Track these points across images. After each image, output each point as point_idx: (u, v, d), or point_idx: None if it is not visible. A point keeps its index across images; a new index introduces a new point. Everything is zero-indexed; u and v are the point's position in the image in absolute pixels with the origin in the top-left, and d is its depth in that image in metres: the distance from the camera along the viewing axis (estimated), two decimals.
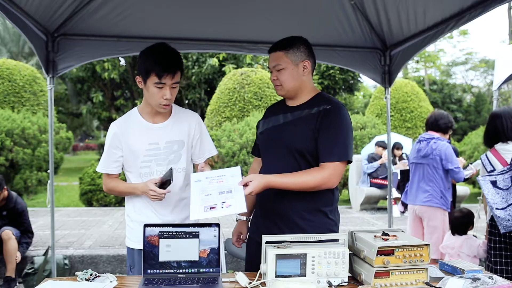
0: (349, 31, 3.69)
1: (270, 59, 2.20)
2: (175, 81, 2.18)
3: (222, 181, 2.01)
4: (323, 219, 2.14)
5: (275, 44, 2.19)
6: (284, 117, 2.19)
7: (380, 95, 14.42)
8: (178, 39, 3.84)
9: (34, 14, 3.17)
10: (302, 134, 2.09)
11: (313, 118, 2.09)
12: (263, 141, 2.28)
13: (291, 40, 2.18)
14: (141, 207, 2.32)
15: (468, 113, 24.78)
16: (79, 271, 1.92)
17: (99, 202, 8.95)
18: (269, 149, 2.23)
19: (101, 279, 1.84)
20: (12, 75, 12.36)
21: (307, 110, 2.13)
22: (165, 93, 2.16)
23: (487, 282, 1.75)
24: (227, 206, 1.88)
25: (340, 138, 2.06)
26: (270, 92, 11.50)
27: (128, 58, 15.76)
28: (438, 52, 29.23)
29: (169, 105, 2.23)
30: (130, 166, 2.30)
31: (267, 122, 2.28)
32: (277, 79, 2.15)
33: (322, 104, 2.11)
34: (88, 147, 37.63)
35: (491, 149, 3.38)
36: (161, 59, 2.14)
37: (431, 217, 4.17)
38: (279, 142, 2.15)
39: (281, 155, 2.13)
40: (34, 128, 10.02)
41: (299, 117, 2.14)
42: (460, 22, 3.02)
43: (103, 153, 2.34)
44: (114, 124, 2.32)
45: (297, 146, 2.09)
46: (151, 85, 2.16)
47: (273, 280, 1.77)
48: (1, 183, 4.74)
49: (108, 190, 2.37)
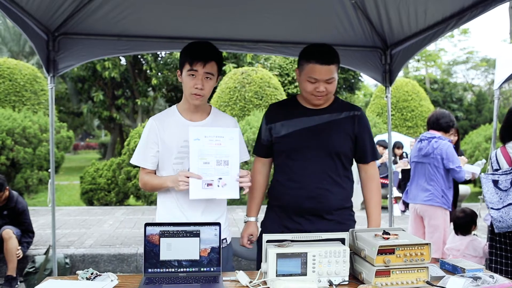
0: (349, 30, 3.68)
1: (324, 72, 2.16)
2: (207, 70, 2.16)
3: (220, 143, 2.09)
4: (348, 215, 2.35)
5: (328, 57, 2.17)
6: (311, 119, 2.28)
7: (381, 94, 14.43)
8: (179, 38, 3.83)
9: (35, 13, 3.17)
10: (340, 137, 2.26)
11: (348, 123, 2.28)
12: (291, 143, 2.30)
13: (335, 52, 2.23)
14: (172, 208, 2.27)
15: (469, 112, 24.78)
16: (80, 270, 1.92)
17: (99, 201, 8.96)
18: (302, 151, 2.27)
19: (102, 278, 1.84)
20: (13, 74, 12.37)
21: (336, 114, 2.29)
22: (196, 82, 2.16)
23: (488, 281, 1.75)
24: (223, 185, 2.07)
25: (373, 141, 2.39)
26: (271, 91, 11.50)
27: (128, 57, 15.77)
28: (439, 51, 29.19)
29: (201, 96, 2.19)
30: (164, 162, 2.26)
31: (289, 124, 2.30)
32: (326, 90, 2.20)
33: (348, 109, 2.32)
34: (88, 146, 37.68)
35: (501, 148, 3.34)
36: (194, 48, 2.20)
37: (432, 216, 4.17)
38: (315, 143, 2.25)
39: (316, 156, 2.25)
40: (35, 127, 10.03)
41: (330, 121, 2.28)
42: (461, 21, 3.01)
43: (139, 146, 2.31)
44: (152, 119, 2.32)
45: (336, 149, 2.25)
46: (185, 75, 2.19)
47: (274, 279, 1.78)
48: (3, 183, 4.74)
49: (143, 185, 2.33)
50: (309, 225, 2.26)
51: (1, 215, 4.84)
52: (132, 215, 7.69)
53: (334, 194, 2.26)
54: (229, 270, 2.11)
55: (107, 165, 9.21)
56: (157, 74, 15.88)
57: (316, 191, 2.24)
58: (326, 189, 2.25)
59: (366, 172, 2.39)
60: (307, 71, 2.19)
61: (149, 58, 15.68)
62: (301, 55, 2.25)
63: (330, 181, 2.26)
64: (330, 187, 2.26)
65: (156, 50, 4.38)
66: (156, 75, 15.85)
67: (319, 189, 2.24)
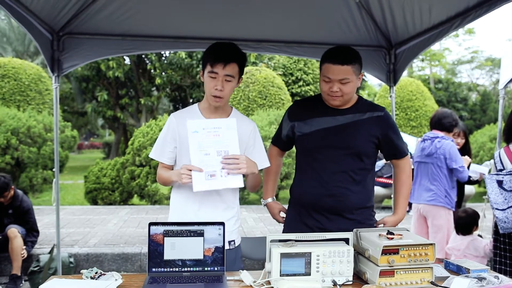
0: (354, 29, 3.67)
1: (337, 72, 2.20)
2: (227, 72, 2.15)
3: (218, 134, 2.10)
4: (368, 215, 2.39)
5: (343, 57, 2.20)
6: (335, 119, 2.32)
7: (385, 94, 14.38)
8: (183, 37, 3.84)
9: (40, 13, 3.18)
10: (362, 138, 2.30)
11: (371, 124, 2.31)
12: (313, 142, 2.34)
13: (354, 54, 2.25)
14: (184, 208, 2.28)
15: (474, 112, 24.67)
16: (84, 269, 1.92)
17: (104, 200, 8.98)
18: (324, 150, 2.31)
19: (106, 277, 1.84)
20: (17, 74, 12.42)
21: (359, 115, 2.32)
22: (216, 84, 2.15)
23: (493, 281, 1.74)
24: (225, 176, 2.07)
25: (401, 138, 2.43)
26: (275, 91, 11.50)
27: (132, 56, 15.80)
28: (443, 50, 29.09)
29: (221, 98, 2.19)
30: (181, 158, 2.26)
31: (312, 123, 2.34)
32: (340, 90, 2.22)
33: (371, 110, 2.35)
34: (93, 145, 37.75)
35: (505, 148, 3.33)
36: (215, 49, 2.19)
37: (435, 216, 4.16)
38: (338, 143, 2.29)
39: (338, 155, 2.29)
40: (39, 126, 10.06)
41: (353, 121, 2.31)
42: (466, 21, 3.00)
43: (157, 140, 2.33)
44: (173, 115, 2.33)
45: (358, 149, 2.29)
46: (206, 76, 2.19)
47: (278, 278, 1.78)
48: (8, 183, 4.77)
49: (158, 178, 2.35)
50: (329, 223, 2.29)
51: (6, 214, 4.86)
52: (136, 215, 7.70)
53: (354, 194, 2.30)
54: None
55: (111, 164, 9.23)
56: (161, 73, 15.91)
57: (337, 189, 2.29)
58: (347, 188, 2.30)
59: (398, 166, 2.46)
60: (323, 70, 2.25)
61: (153, 58, 15.70)
62: (322, 57, 2.30)
63: (351, 180, 2.31)
64: (350, 186, 2.30)
65: (160, 49, 4.39)
66: (160, 74, 15.88)
67: (339, 188, 2.29)
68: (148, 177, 8.78)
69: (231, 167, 2.07)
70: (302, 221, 2.36)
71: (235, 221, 2.33)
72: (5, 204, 4.85)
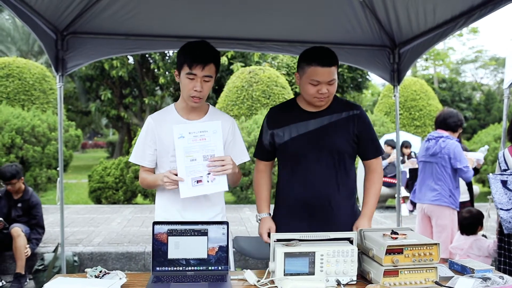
0: (357, 28, 3.67)
1: (325, 74, 2.19)
2: (206, 73, 2.16)
3: (204, 138, 2.11)
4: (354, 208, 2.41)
5: (330, 59, 2.21)
6: (314, 122, 2.31)
7: (388, 93, 14.36)
8: (186, 37, 3.83)
9: (44, 13, 3.19)
10: (343, 137, 2.30)
11: (349, 123, 2.31)
12: (295, 147, 2.32)
13: (334, 54, 2.26)
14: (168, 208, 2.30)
15: (478, 112, 24.58)
16: (88, 268, 1.93)
17: (107, 199, 9.00)
18: (307, 153, 2.31)
19: (110, 276, 1.85)
20: (22, 74, 12.46)
21: (336, 115, 2.32)
22: (195, 84, 2.16)
23: (498, 281, 1.73)
24: (212, 180, 2.09)
25: (375, 137, 2.41)
26: (278, 90, 11.49)
27: (136, 56, 15.82)
28: (447, 50, 28.97)
29: (200, 98, 2.20)
30: (162, 160, 2.28)
31: (290, 128, 2.33)
32: (328, 91, 2.22)
33: (347, 109, 2.34)
34: (96, 145, 37.84)
35: (510, 147, 3.31)
36: (192, 50, 2.18)
37: (439, 216, 4.14)
38: (320, 145, 2.29)
39: (322, 157, 2.29)
40: (43, 126, 10.10)
41: (331, 122, 2.31)
42: (470, 20, 2.99)
43: (137, 144, 2.34)
44: (150, 117, 2.34)
45: (339, 149, 2.29)
46: (183, 77, 2.19)
47: (282, 278, 1.78)
48: (19, 171, 4.92)
49: (141, 182, 2.36)
50: (316, 224, 2.27)
51: (15, 206, 4.98)
52: (140, 214, 7.72)
53: (339, 193, 2.32)
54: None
55: (115, 163, 9.25)
56: (164, 73, 15.91)
57: (321, 193, 2.30)
58: (332, 188, 2.31)
59: (369, 167, 2.43)
60: (309, 74, 2.21)
61: (156, 57, 15.71)
62: (302, 59, 2.27)
63: (336, 181, 2.31)
64: (334, 188, 2.31)
65: (163, 49, 4.40)
66: (164, 74, 15.88)
67: (325, 189, 2.30)
68: None
69: (218, 169, 2.08)
70: (290, 225, 2.33)
71: (220, 218, 2.34)
72: (14, 197, 4.99)
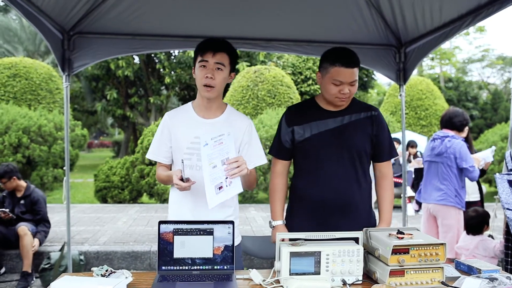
0: (363, 28, 3.65)
1: (348, 74, 2.22)
2: (217, 60, 2.15)
3: (222, 142, 2.08)
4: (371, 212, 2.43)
5: (353, 60, 2.24)
6: (334, 121, 2.33)
7: (394, 93, 14.31)
8: (192, 36, 3.85)
9: (51, 13, 3.21)
10: (361, 137, 2.33)
11: (367, 124, 2.35)
12: (314, 145, 2.33)
13: (356, 55, 2.29)
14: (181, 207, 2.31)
15: (484, 111, 24.44)
16: (94, 267, 1.94)
17: (113, 199, 9.04)
18: (327, 151, 2.32)
19: (116, 275, 1.85)
20: (28, 73, 12.55)
21: (355, 115, 2.35)
22: (207, 72, 2.15)
23: (505, 282, 1.72)
24: (229, 184, 2.04)
25: (391, 140, 2.45)
26: (284, 90, 11.48)
27: (142, 56, 15.87)
28: (453, 49, 28.86)
29: (211, 87, 2.17)
30: (176, 158, 2.27)
31: (311, 126, 2.34)
32: (350, 92, 2.25)
33: (366, 110, 2.38)
34: (102, 144, 37.99)
35: None
36: (204, 41, 2.21)
37: (445, 215, 4.12)
38: (340, 143, 2.31)
39: (342, 155, 2.31)
40: (50, 125, 10.15)
41: (350, 121, 2.34)
42: (477, 19, 2.97)
43: (153, 140, 2.34)
44: (167, 114, 2.34)
45: (358, 147, 2.32)
46: (197, 67, 2.20)
47: (287, 277, 1.77)
48: (9, 171, 4.97)
49: (157, 177, 2.36)
50: (332, 223, 2.27)
51: (18, 204, 5.04)
52: (145, 213, 7.74)
53: (356, 193, 2.33)
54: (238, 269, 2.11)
55: (121, 163, 9.29)
56: (170, 72, 15.97)
57: (340, 190, 2.30)
58: (351, 186, 2.32)
59: (381, 171, 2.44)
60: (332, 74, 2.23)
61: (162, 57, 15.77)
62: (325, 59, 2.28)
63: (354, 180, 2.33)
64: (354, 186, 2.33)
65: (169, 48, 4.40)
66: (169, 73, 15.94)
67: (343, 188, 2.31)
68: None
69: (235, 171, 2.03)
70: (307, 223, 2.33)
71: (234, 218, 2.32)
72: (17, 195, 5.08)
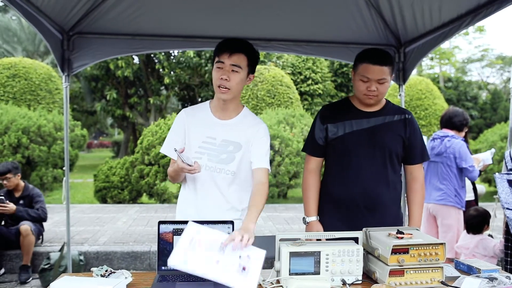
0: (363, 27, 3.65)
1: (375, 71, 2.26)
2: (233, 62, 2.13)
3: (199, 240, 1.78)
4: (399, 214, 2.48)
5: (382, 58, 2.28)
6: (368, 121, 2.39)
7: (394, 93, 14.26)
8: (192, 36, 3.85)
9: (50, 13, 3.21)
10: (394, 139, 2.38)
11: (400, 126, 2.40)
12: (349, 142, 2.37)
13: (390, 56, 2.36)
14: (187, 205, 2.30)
15: (484, 111, 24.43)
16: (94, 267, 1.94)
17: (113, 199, 9.03)
18: (360, 149, 2.36)
19: (116, 275, 1.85)
20: (28, 74, 12.53)
21: (389, 117, 2.40)
22: (222, 73, 2.13)
23: (504, 281, 1.72)
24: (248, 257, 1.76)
25: (423, 143, 2.49)
26: (283, 89, 11.48)
27: (141, 56, 15.86)
28: (453, 49, 28.84)
29: (226, 88, 2.14)
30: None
31: (345, 124, 2.38)
32: (377, 90, 2.28)
33: (399, 113, 2.43)
34: (102, 144, 37.94)
35: None
36: (223, 41, 2.19)
37: (445, 215, 4.13)
38: (373, 143, 2.36)
39: (374, 154, 2.36)
40: (49, 125, 10.14)
41: (385, 123, 2.39)
42: (476, 19, 2.97)
43: (168, 136, 2.33)
44: (184, 111, 2.34)
45: (391, 148, 2.37)
46: (214, 67, 2.19)
47: (287, 277, 1.78)
48: (12, 168, 5.02)
49: (168, 175, 2.34)
50: (360, 222, 2.26)
51: (17, 204, 5.05)
52: (145, 213, 7.74)
53: (385, 193, 2.37)
54: None
55: (121, 163, 9.28)
56: (169, 73, 15.95)
57: (371, 189, 2.34)
58: (381, 187, 2.36)
59: (412, 173, 2.48)
60: (360, 70, 2.29)
61: (161, 57, 15.75)
62: (356, 57, 2.36)
63: (384, 180, 2.36)
64: (384, 186, 2.37)
65: (169, 48, 4.41)
66: (169, 74, 15.92)
67: (373, 188, 2.35)
68: (157, 176, 8.81)
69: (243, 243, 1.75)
70: (337, 220, 2.38)
71: (239, 223, 2.31)
72: (16, 195, 5.12)
